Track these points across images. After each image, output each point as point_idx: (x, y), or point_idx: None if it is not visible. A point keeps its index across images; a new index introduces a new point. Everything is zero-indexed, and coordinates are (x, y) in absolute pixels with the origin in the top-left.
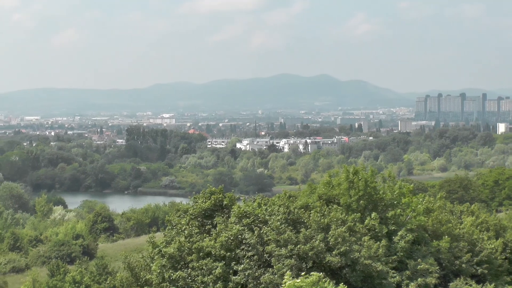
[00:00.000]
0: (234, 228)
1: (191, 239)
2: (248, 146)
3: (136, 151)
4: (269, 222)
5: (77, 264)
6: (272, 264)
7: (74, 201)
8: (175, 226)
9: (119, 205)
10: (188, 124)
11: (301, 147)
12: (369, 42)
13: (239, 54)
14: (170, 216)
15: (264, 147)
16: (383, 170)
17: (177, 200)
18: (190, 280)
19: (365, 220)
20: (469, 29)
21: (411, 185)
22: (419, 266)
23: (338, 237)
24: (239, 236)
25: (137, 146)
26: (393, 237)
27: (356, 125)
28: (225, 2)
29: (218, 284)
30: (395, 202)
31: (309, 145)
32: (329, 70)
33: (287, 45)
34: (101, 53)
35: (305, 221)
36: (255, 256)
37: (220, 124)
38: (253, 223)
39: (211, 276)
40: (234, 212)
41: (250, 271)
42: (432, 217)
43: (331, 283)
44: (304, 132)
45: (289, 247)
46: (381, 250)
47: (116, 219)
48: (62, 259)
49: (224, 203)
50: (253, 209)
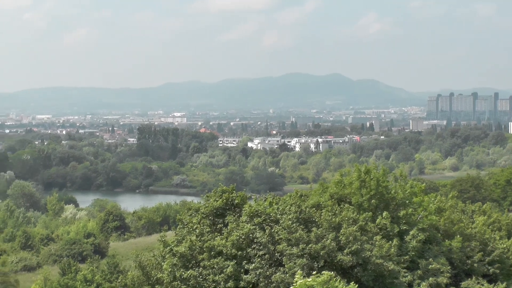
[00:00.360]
0: (246, 227)
1: (203, 238)
2: (260, 145)
3: (148, 150)
4: (281, 221)
5: (89, 263)
6: (284, 263)
7: (86, 200)
8: (187, 225)
9: (130, 204)
10: (200, 123)
11: (313, 146)
12: (381, 41)
13: (251, 53)
14: (182, 215)
15: (276, 146)
16: (395, 170)
17: (188, 199)
18: (201, 279)
19: (377, 220)
20: (481, 29)
21: (423, 185)
22: (431, 266)
23: (350, 236)
24: (251, 235)
25: (149, 145)
26: (405, 237)
27: (368, 124)
28: (237, 1)
29: (229, 283)
30: (407, 202)
31: (321, 144)
32: (341, 69)
33: (299, 44)
34: (112, 52)
35: (317, 220)
36: (266, 255)
37: (232, 123)
38: (265, 222)
39: (222, 275)
40: (246, 211)
41: (261, 270)
42: (444, 217)
43: (342, 282)
44: (316, 131)
45: (301, 246)
46: (393, 250)
47: (127, 218)
48: (74, 258)
49: (236, 202)
50: (265, 208)
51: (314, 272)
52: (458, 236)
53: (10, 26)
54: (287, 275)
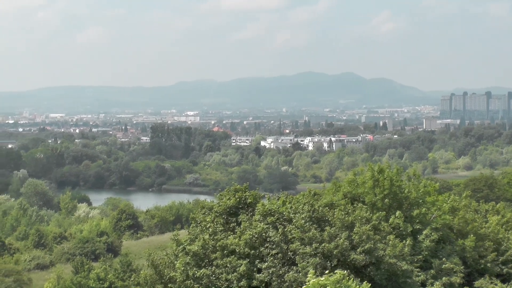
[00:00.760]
0: (259, 226)
1: (216, 237)
2: (273, 144)
3: (161, 149)
4: (294, 220)
5: (101, 261)
6: (296, 262)
7: (99, 199)
8: (200, 224)
9: (143, 203)
10: (213, 122)
11: (326, 145)
12: (394, 40)
13: (263, 52)
14: (195, 214)
15: (289, 145)
16: (408, 169)
17: (201, 198)
18: (214, 278)
19: (390, 219)
20: (494, 28)
21: (437, 184)
22: (444, 265)
23: (363, 235)
24: (264, 234)
25: (162, 144)
26: (418, 236)
27: (381, 123)
28: (249, 0)
29: (242, 282)
30: (420, 201)
31: (334, 143)
32: (354, 68)
33: (312, 43)
34: (125, 51)
35: (330, 219)
36: (279, 254)
37: (245, 122)
38: (278, 221)
39: (235, 274)
40: (259, 210)
41: (274, 269)
42: (458, 216)
43: (356, 281)
44: (329, 130)
45: (314, 245)
46: (407, 249)
47: (140, 217)
48: (87, 256)
49: (249, 201)
50: (278, 207)
51: (327, 271)
52: (472, 235)
53: (24, 25)
54: (300, 274)
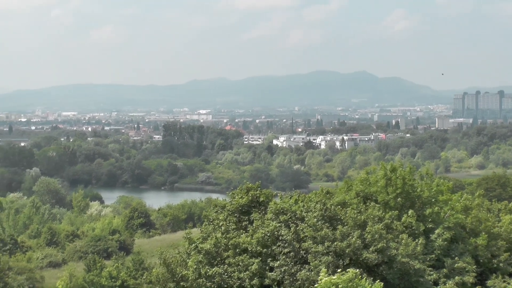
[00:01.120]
0: (271, 225)
1: (228, 235)
2: (285, 143)
3: (173, 147)
4: (306, 219)
5: (114, 260)
6: (309, 261)
7: (111, 197)
8: (212, 222)
9: (156, 201)
10: (225, 121)
11: (338, 144)
12: (407, 39)
13: (276, 51)
14: (207, 212)
15: (301, 144)
16: (420, 168)
17: (214, 196)
18: (227, 276)
19: (402, 218)
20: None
21: (450, 183)
22: (456, 265)
23: (375, 234)
24: (276, 233)
25: (174, 142)
26: (430, 235)
27: (393, 122)
28: None
29: (254, 280)
30: (433, 200)
31: (346, 142)
32: (367, 67)
33: (325, 42)
34: (139, 49)
35: (342, 218)
36: (292, 253)
37: (257, 121)
38: (290, 220)
39: (248, 272)
40: (271, 209)
41: (286, 268)
42: (471, 215)
43: (368, 280)
44: (341, 129)
45: (326, 244)
46: (419, 248)
47: (153, 215)
48: (99, 254)
49: (261, 200)
50: (290, 206)
51: (339, 270)
52: (484, 234)
53: (38, 23)
54: (312, 273)
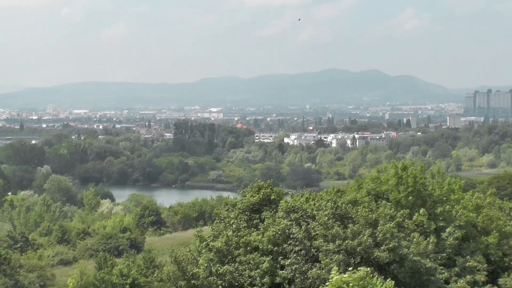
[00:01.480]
0: (282, 223)
1: (239, 233)
2: (296, 141)
3: (184, 145)
4: (317, 217)
5: (125, 257)
6: (320, 259)
7: (122, 195)
8: (223, 220)
9: (167, 199)
10: (236, 119)
11: (349, 142)
12: (418, 37)
13: (287, 49)
14: (218, 210)
15: (312, 142)
16: (432, 166)
17: (224, 194)
18: (237, 274)
19: (413, 216)
20: None
21: (462, 182)
22: (468, 263)
23: (387, 233)
24: (287, 231)
25: (185, 140)
26: (441, 234)
27: (405, 121)
28: None
29: (265, 279)
30: (444, 198)
31: (357, 140)
32: (378, 65)
33: (336, 40)
34: (149, 47)
35: (353, 216)
36: (303, 251)
37: (268, 119)
38: (301, 218)
39: (258, 271)
40: (282, 207)
41: (297, 266)
42: (482, 214)
43: (380, 279)
44: (352, 127)
45: (337, 242)
46: (431, 247)
47: (164, 213)
48: (110, 252)
49: (272, 198)
50: (301, 204)
51: (350, 268)
52: (495, 232)
53: (49, 21)
54: (323, 271)
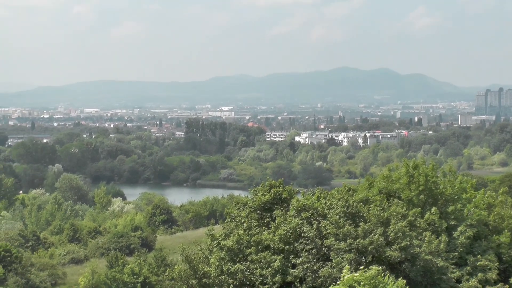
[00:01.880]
0: (293, 222)
1: (250, 232)
2: (307, 140)
3: (195, 144)
4: (328, 216)
5: (136, 256)
6: (331, 258)
7: (133, 193)
8: (234, 219)
9: (178, 198)
10: (247, 117)
11: (360, 141)
12: (430, 36)
13: (299, 47)
14: (230, 209)
15: (323, 141)
16: (443, 165)
17: (236, 193)
18: (249, 273)
19: (425, 215)
20: None
21: (474, 180)
22: (479, 262)
23: (398, 232)
24: (298, 230)
25: (196, 139)
26: (453, 233)
27: (416, 119)
28: None
29: (277, 277)
30: (455, 197)
31: (368, 139)
32: (389, 64)
33: (347, 39)
34: (161, 46)
35: (364, 215)
36: (314, 250)
37: (279, 117)
38: (312, 217)
39: (270, 269)
40: (293, 205)
41: (309, 265)
42: (494, 213)
43: (391, 278)
44: (363, 126)
45: (348, 241)
46: (442, 246)
47: (175, 212)
48: (121, 251)
49: (283, 196)
50: (312, 203)
51: (362, 267)
52: (506, 231)
53: (61, 20)
54: (335, 270)
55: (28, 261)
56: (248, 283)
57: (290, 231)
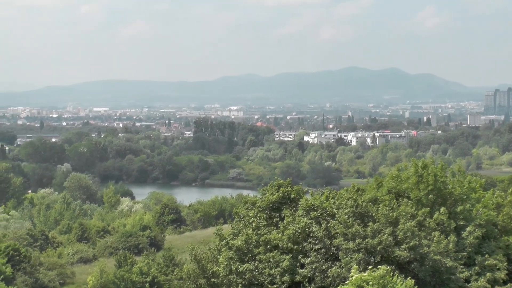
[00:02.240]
0: (302, 221)
1: (259, 232)
2: (316, 139)
3: (204, 143)
4: (337, 216)
5: (144, 256)
6: (340, 258)
7: (142, 193)
8: (243, 218)
9: (186, 197)
10: (256, 117)
11: (369, 141)
12: (438, 36)
13: (307, 47)
14: (238, 208)
15: (332, 140)
16: (452, 165)
17: (244, 193)
18: (257, 273)
19: (434, 215)
20: None
21: (483, 180)
22: (487, 262)
23: (407, 232)
24: (307, 229)
25: (205, 138)
26: (462, 233)
27: (425, 119)
28: None
29: (285, 277)
30: (464, 197)
31: (377, 139)
32: (398, 63)
33: (356, 38)
34: (169, 46)
35: (373, 215)
36: (322, 250)
37: (288, 117)
38: (321, 216)
39: (278, 269)
40: (302, 205)
41: (317, 264)
42: (503, 213)
43: (400, 277)
44: (372, 126)
45: (357, 241)
46: (451, 246)
47: (183, 211)
48: (130, 250)
49: (292, 196)
50: (321, 202)
51: (370, 267)
52: None
53: (69, 20)
54: (343, 270)
55: (37, 261)
56: (257, 283)
57: (299, 231)
